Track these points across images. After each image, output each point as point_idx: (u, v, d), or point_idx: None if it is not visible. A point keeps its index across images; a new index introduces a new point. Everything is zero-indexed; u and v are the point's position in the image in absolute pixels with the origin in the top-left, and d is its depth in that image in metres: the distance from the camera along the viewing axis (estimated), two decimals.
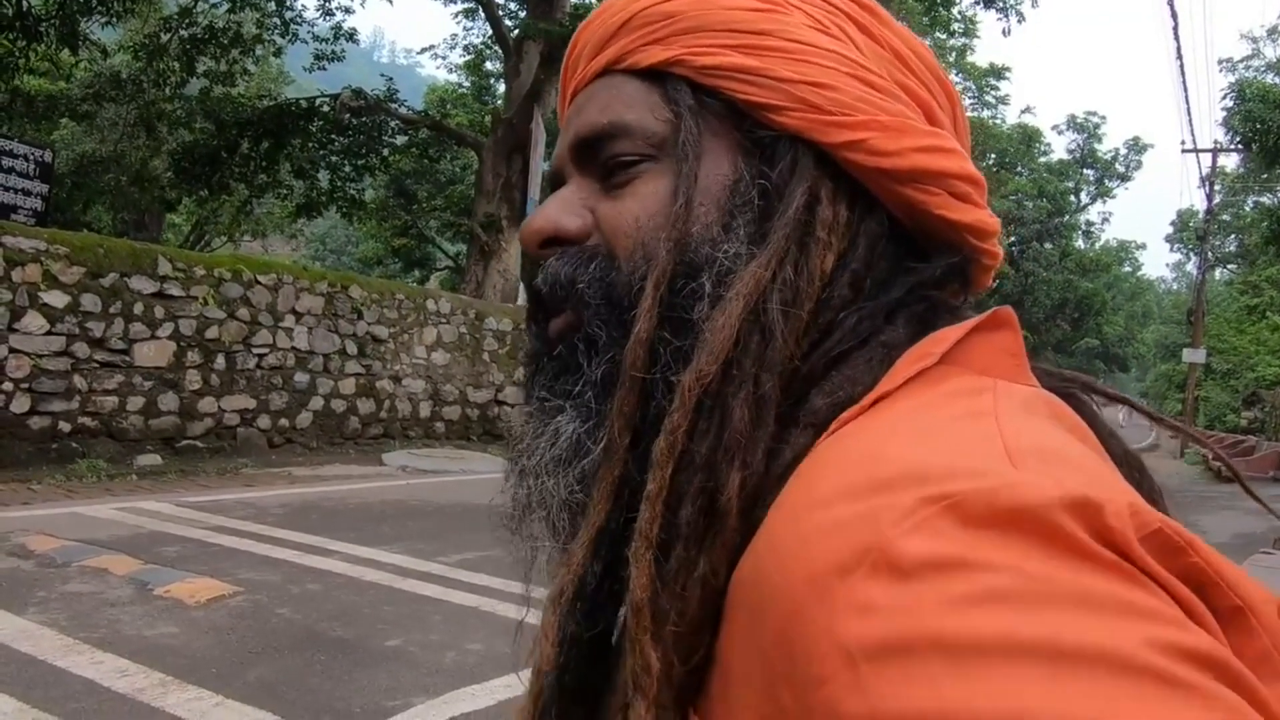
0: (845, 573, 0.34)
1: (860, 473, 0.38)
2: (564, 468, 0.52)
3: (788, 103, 0.52)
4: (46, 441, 8.41)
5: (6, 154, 9.45)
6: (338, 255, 43.54)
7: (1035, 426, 0.41)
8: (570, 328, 0.54)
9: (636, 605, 0.43)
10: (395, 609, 4.87)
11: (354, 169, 18.93)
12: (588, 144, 0.56)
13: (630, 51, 0.56)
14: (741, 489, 0.44)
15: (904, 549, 0.33)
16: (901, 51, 0.56)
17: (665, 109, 0.54)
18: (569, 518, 0.52)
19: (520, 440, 0.55)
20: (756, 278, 0.49)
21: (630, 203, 0.54)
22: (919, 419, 0.42)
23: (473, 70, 28.38)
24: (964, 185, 0.54)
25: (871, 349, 0.49)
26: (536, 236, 0.56)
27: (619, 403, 0.49)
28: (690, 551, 0.44)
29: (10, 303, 8.14)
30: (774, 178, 0.52)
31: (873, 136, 0.52)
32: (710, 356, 0.46)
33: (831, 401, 0.47)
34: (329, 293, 11.16)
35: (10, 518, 6.39)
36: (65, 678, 3.64)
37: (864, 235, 0.53)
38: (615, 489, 0.48)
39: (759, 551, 0.40)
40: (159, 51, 16.85)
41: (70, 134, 20.32)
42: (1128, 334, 57.23)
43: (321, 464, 10.35)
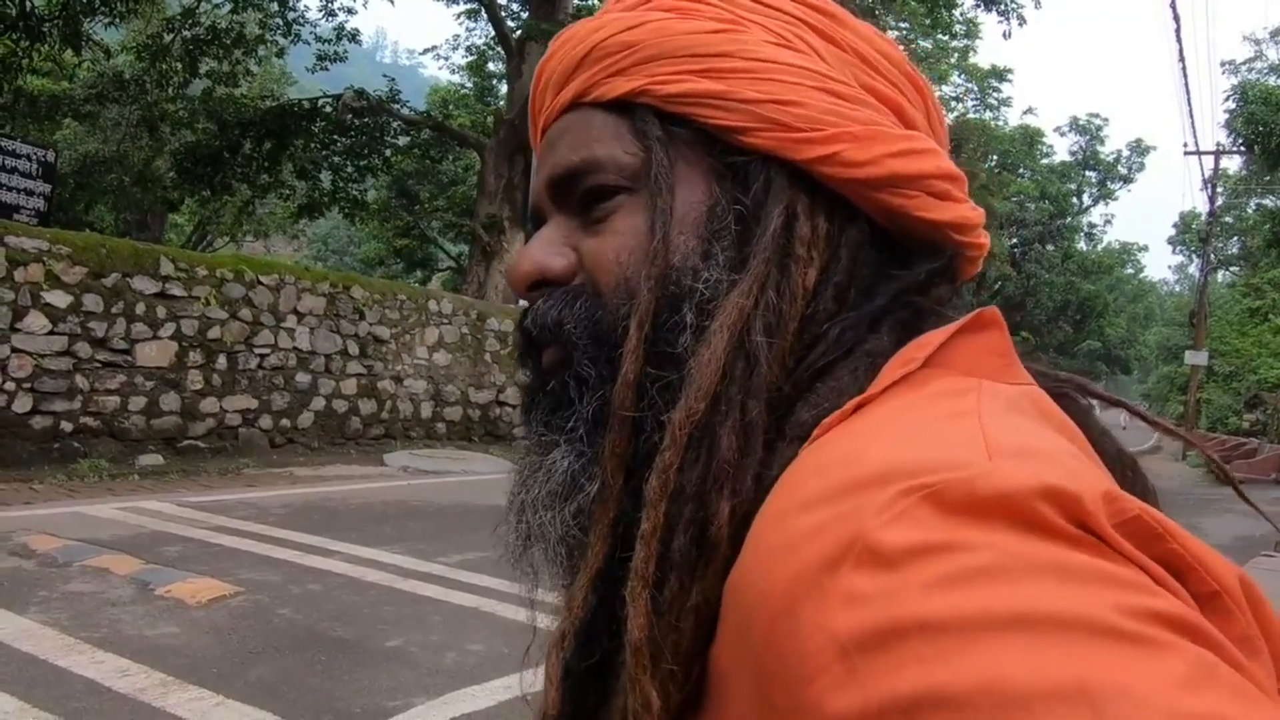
0: (831, 568, 0.34)
1: (841, 473, 0.38)
2: (560, 502, 0.52)
3: (756, 124, 0.52)
4: (48, 441, 8.41)
5: (9, 154, 9.46)
6: (340, 256, 43.56)
7: (1019, 425, 0.41)
8: (560, 363, 0.54)
9: (635, 645, 0.44)
10: (396, 609, 4.87)
11: (356, 169, 18.96)
12: (563, 181, 0.56)
13: (594, 84, 0.55)
14: (732, 517, 0.44)
15: (885, 538, 0.34)
16: (866, 53, 0.55)
17: (634, 141, 0.54)
18: (565, 552, 0.53)
19: (520, 474, 0.56)
20: (739, 307, 0.48)
21: (610, 239, 0.54)
22: (901, 421, 0.42)
23: (475, 71, 28.39)
24: (942, 184, 0.54)
25: (856, 359, 0.49)
26: (525, 280, 0.56)
27: (610, 444, 0.49)
28: (684, 582, 0.44)
29: (13, 302, 8.15)
30: (749, 201, 0.52)
31: (844, 149, 0.51)
32: (699, 393, 0.46)
33: (816, 414, 0.46)
34: (331, 293, 11.16)
35: (12, 517, 6.40)
36: (66, 677, 3.64)
37: (846, 245, 0.52)
38: (611, 529, 0.49)
39: (746, 559, 0.41)
40: (162, 52, 16.86)
41: (73, 134, 20.35)
42: (1130, 336, 57.20)
43: (323, 464, 10.35)
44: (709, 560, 0.44)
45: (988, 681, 0.29)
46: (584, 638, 0.49)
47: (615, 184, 0.54)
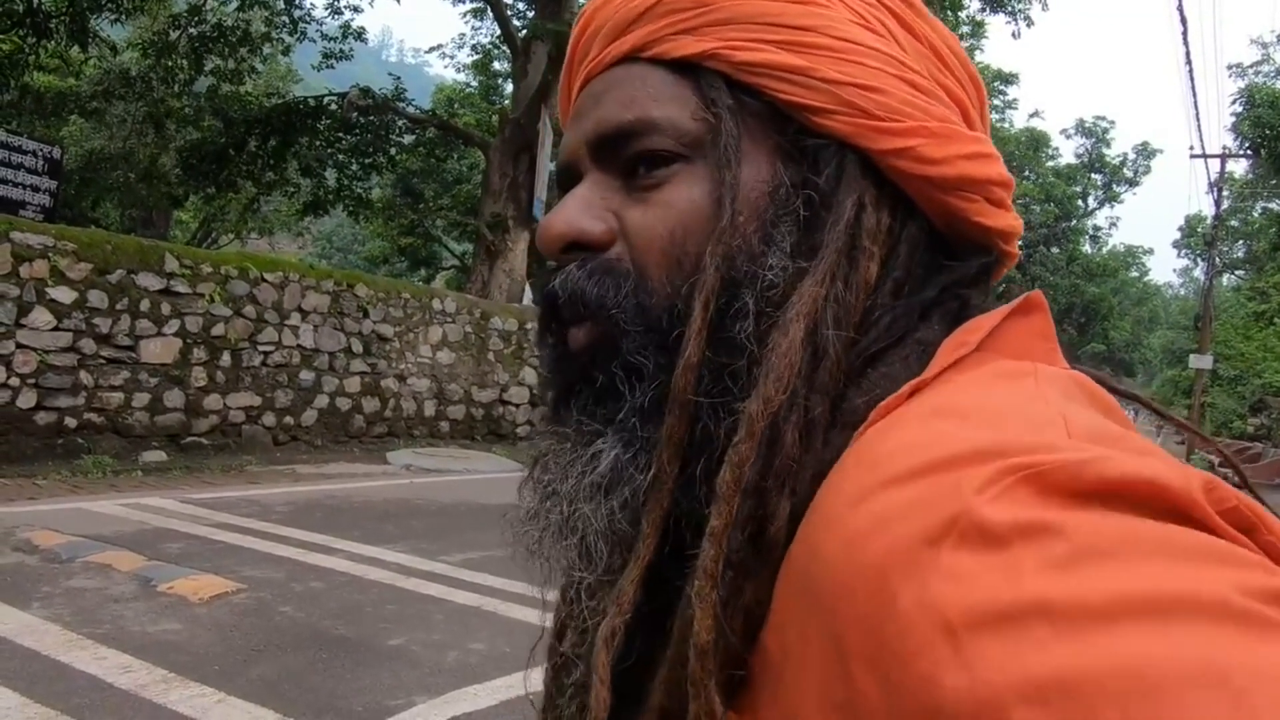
0: (932, 544, 0.33)
1: (929, 452, 0.37)
2: (603, 495, 0.49)
3: (834, 106, 0.49)
4: (52, 437, 8.43)
5: (16, 150, 9.48)
6: (344, 254, 43.62)
7: (1080, 410, 0.40)
8: (597, 345, 0.51)
9: (701, 648, 0.42)
10: (398, 608, 4.87)
11: (361, 168, 18.96)
12: (610, 140, 0.52)
13: (657, 40, 0.52)
14: (791, 517, 0.43)
15: (992, 515, 0.33)
16: (940, 48, 0.54)
17: (699, 107, 0.51)
18: (606, 547, 0.49)
19: (548, 461, 0.53)
20: (814, 296, 0.47)
21: (661, 212, 0.51)
22: (973, 400, 0.41)
23: (480, 70, 28.41)
24: (1000, 191, 0.53)
25: (907, 346, 0.48)
26: (558, 241, 0.53)
27: (668, 431, 0.47)
28: (739, 582, 0.43)
29: (18, 298, 8.16)
30: (820, 185, 0.50)
31: (920, 144, 0.50)
32: (778, 384, 0.45)
33: (869, 400, 0.46)
34: (335, 291, 11.17)
35: (16, 513, 6.41)
36: (68, 673, 3.65)
37: (905, 242, 0.51)
38: (663, 521, 0.47)
39: (817, 541, 0.39)
40: (168, 49, 16.88)
41: (79, 131, 20.38)
42: (1134, 339, 57.11)
43: (326, 462, 10.36)
44: (766, 560, 0.43)
45: (1118, 666, 0.29)
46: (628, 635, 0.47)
47: (671, 150, 0.51)
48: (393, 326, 11.89)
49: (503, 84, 27.45)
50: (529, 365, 14.04)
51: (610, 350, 0.51)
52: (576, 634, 0.53)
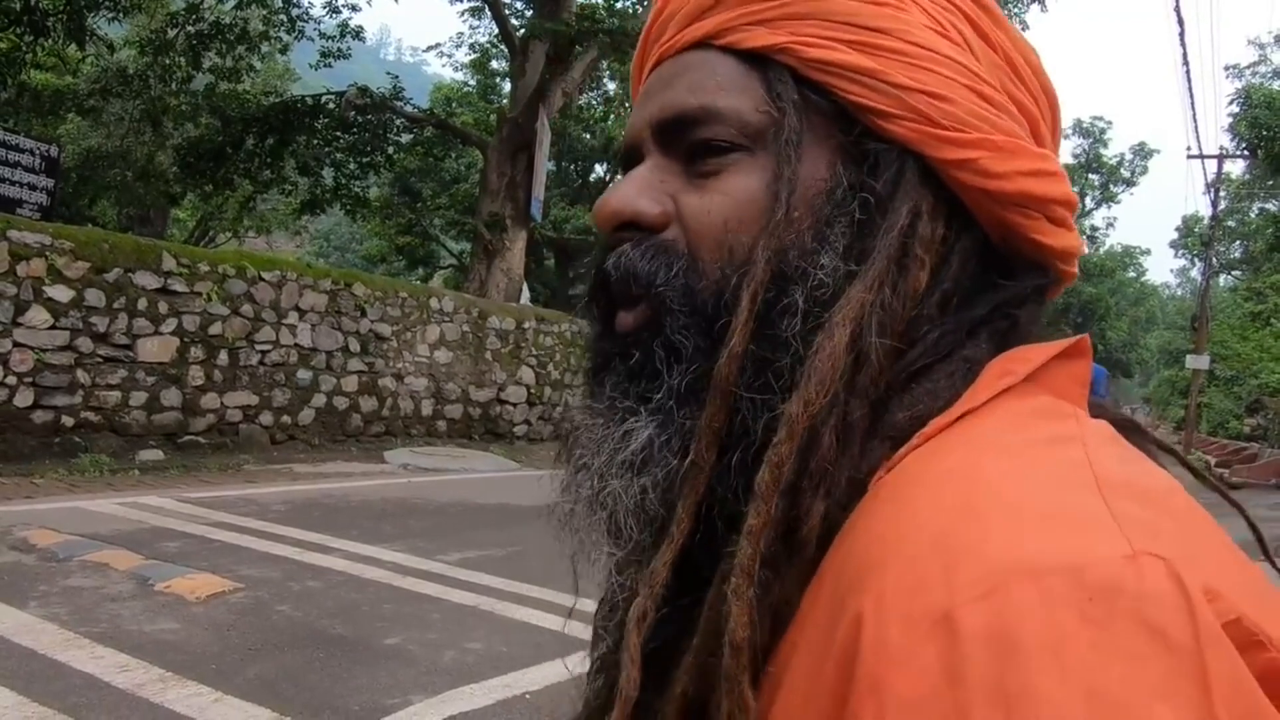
0: (954, 678, 0.34)
1: (965, 536, 0.37)
2: (633, 473, 0.50)
3: (900, 111, 0.49)
4: (49, 436, 8.42)
5: (13, 148, 9.46)
6: (342, 252, 43.58)
7: (1128, 489, 0.40)
8: (644, 327, 0.52)
9: (737, 645, 0.42)
10: (395, 607, 4.87)
11: (359, 166, 18.95)
12: (673, 124, 0.53)
13: (730, 29, 0.52)
14: (824, 519, 0.44)
15: (1019, 635, 0.33)
16: (1013, 58, 0.53)
17: (765, 99, 0.51)
18: (635, 525, 0.50)
19: (581, 435, 0.53)
20: (861, 301, 0.47)
21: (718, 200, 0.51)
22: (1009, 447, 0.41)
23: (478, 69, 28.40)
24: (1062, 210, 0.52)
25: (953, 363, 0.48)
26: (613, 218, 0.53)
27: (707, 419, 0.47)
28: (768, 579, 0.43)
29: (15, 297, 8.15)
30: (877, 189, 0.50)
31: (984, 156, 0.49)
32: (820, 387, 0.45)
33: (912, 415, 0.46)
34: (332, 290, 11.16)
35: (12, 512, 6.40)
36: (65, 672, 3.65)
37: (958, 253, 0.51)
38: (698, 508, 0.47)
39: (846, 579, 0.40)
40: (165, 47, 16.86)
41: (76, 129, 20.36)
42: (1131, 339, 57.15)
43: (323, 461, 10.35)
44: (795, 561, 0.43)
45: None
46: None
47: (733, 140, 0.51)
48: (390, 325, 11.89)
49: (501, 83, 27.44)
50: (526, 365, 14.05)
51: (654, 329, 0.51)
52: (606, 608, 0.54)
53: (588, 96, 24.82)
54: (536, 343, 14.29)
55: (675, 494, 0.48)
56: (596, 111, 26.58)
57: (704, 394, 0.48)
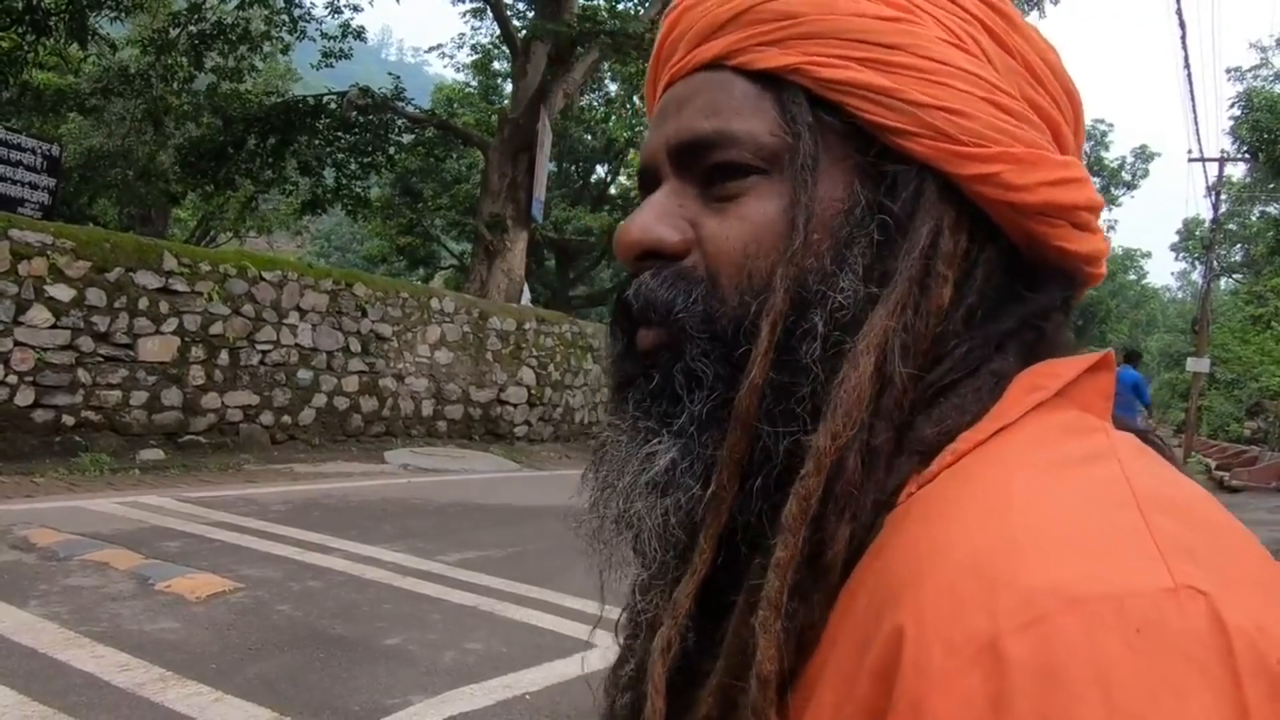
0: (1000, 703, 0.34)
1: (1008, 565, 0.37)
2: (657, 495, 0.50)
3: (918, 129, 0.48)
4: (50, 435, 8.42)
5: (15, 147, 9.47)
6: (342, 253, 43.59)
7: (1168, 508, 0.40)
8: (662, 347, 0.51)
9: (764, 678, 0.42)
10: (395, 607, 4.87)
11: (360, 167, 18.96)
12: (689, 148, 0.52)
13: (741, 49, 0.51)
14: (849, 543, 0.44)
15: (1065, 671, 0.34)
16: (1033, 62, 0.52)
17: (778, 121, 0.50)
18: (659, 546, 0.50)
19: (607, 451, 0.53)
20: (884, 328, 0.46)
21: (736, 225, 0.50)
22: (1044, 465, 0.42)
23: (480, 70, 28.40)
24: (1087, 215, 0.51)
25: (981, 378, 0.48)
26: (633, 249, 0.53)
27: (729, 449, 0.47)
28: (793, 606, 0.43)
29: (16, 296, 8.16)
30: (896, 209, 0.49)
31: (1005, 170, 0.48)
32: (846, 417, 0.45)
33: (940, 430, 0.46)
34: (333, 290, 11.17)
35: (13, 511, 6.40)
36: (66, 671, 3.65)
37: (982, 265, 0.50)
38: (720, 537, 0.48)
39: (880, 599, 0.40)
40: (167, 47, 16.88)
41: (78, 128, 20.36)
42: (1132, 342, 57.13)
43: (323, 461, 10.36)
44: (821, 586, 0.43)
45: None
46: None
47: (749, 163, 0.50)
48: (391, 326, 11.89)
49: (502, 84, 27.44)
50: (527, 365, 14.05)
51: (674, 353, 0.51)
52: (629, 628, 0.54)
53: (589, 97, 24.82)
54: (537, 343, 14.30)
55: (697, 521, 0.48)
56: (598, 112, 26.59)
57: (725, 421, 0.48)
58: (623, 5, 19.40)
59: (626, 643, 0.56)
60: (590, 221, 26.62)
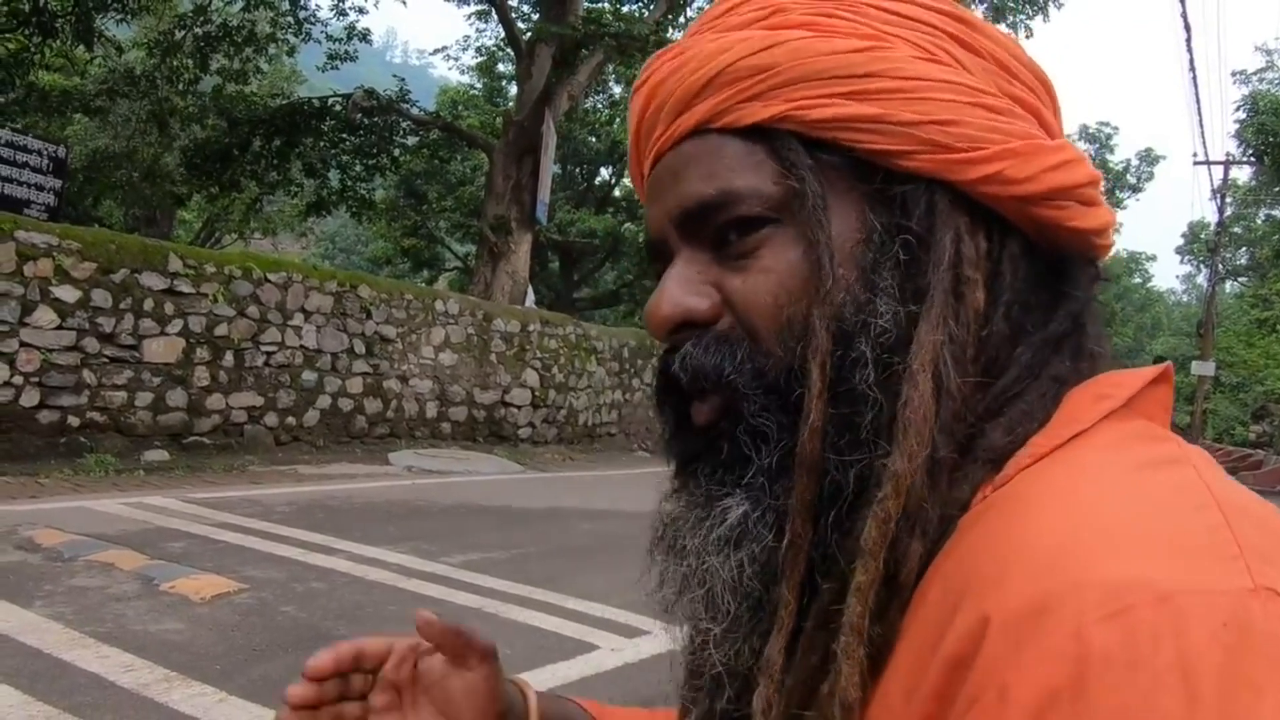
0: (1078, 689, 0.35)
1: (1079, 572, 0.37)
2: (730, 549, 0.50)
3: (914, 147, 0.49)
4: (55, 436, 8.44)
5: (21, 149, 9.50)
6: (347, 254, 43.65)
7: (1248, 512, 0.41)
8: (723, 416, 0.52)
9: (848, 706, 0.43)
10: (399, 609, 4.88)
11: (365, 169, 19.00)
12: (695, 215, 0.53)
13: (724, 110, 0.52)
14: (921, 560, 0.44)
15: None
16: (1004, 59, 0.53)
17: (779, 171, 0.51)
18: (733, 599, 0.50)
19: (679, 524, 0.53)
20: (933, 344, 0.47)
21: (762, 279, 0.51)
22: (1124, 467, 0.42)
23: (485, 72, 28.45)
24: (1090, 190, 0.52)
25: (1043, 383, 0.49)
26: (667, 324, 0.53)
27: (799, 495, 0.48)
28: (871, 626, 0.44)
29: (22, 297, 8.18)
30: (914, 227, 0.50)
31: (1006, 166, 0.49)
32: (919, 439, 0.45)
33: (1011, 438, 0.47)
34: (338, 292, 11.19)
35: (18, 511, 6.42)
36: (70, 671, 3.66)
37: (1007, 261, 0.51)
38: (802, 585, 0.48)
39: (969, 565, 0.41)
40: (173, 48, 16.93)
41: (84, 130, 20.43)
42: (1137, 345, 56.99)
43: (328, 462, 10.37)
44: (895, 604, 0.44)
45: None
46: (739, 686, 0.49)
47: (760, 215, 0.51)
48: (395, 327, 11.91)
49: (507, 86, 27.47)
50: (531, 367, 14.06)
51: (734, 417, 0.51)
52: (698, 681, 0.54)
53: (593, 100, 24.86)
54: (541, 345, 14.31)
55: (773, 571, 0.49)
56: (602, 115, 26.62)
57: (793, 468, 0.48)
58: (627, 8, 19.42)
59: (688, 694, 0.56)
60: (594, 224, 26.65)
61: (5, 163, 9.25)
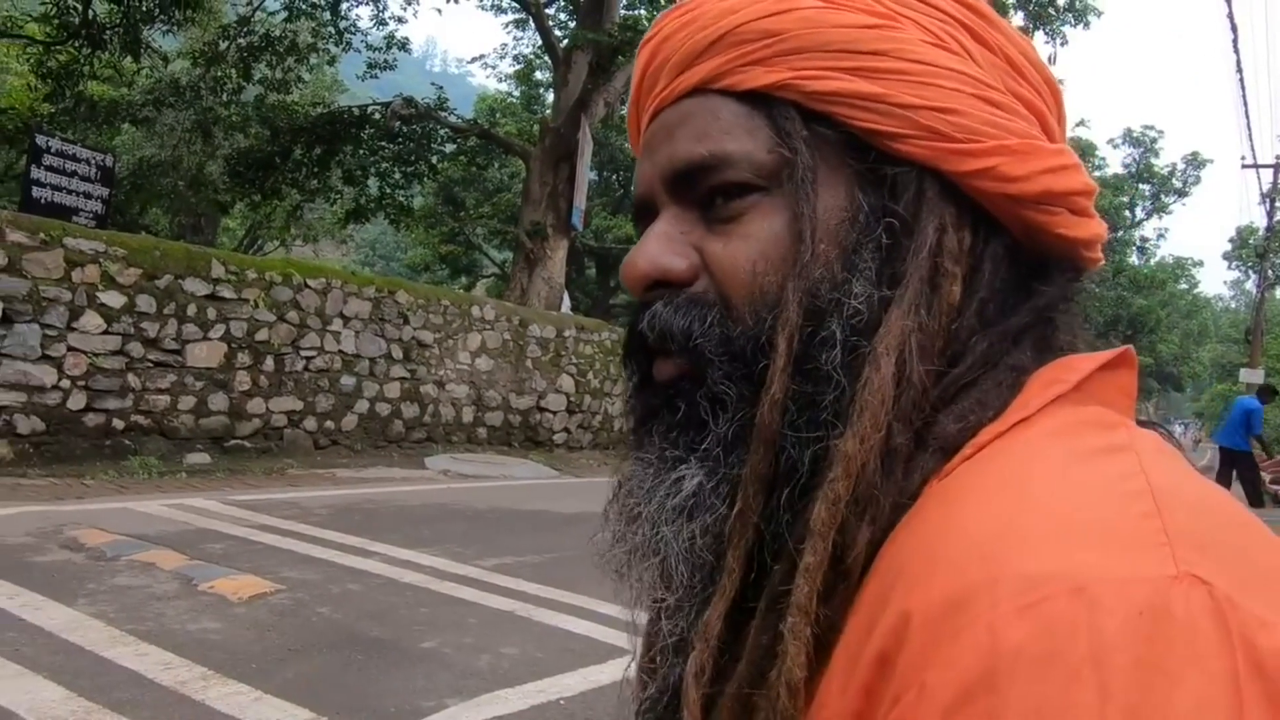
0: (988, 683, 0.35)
1: (1005, 561, 0.37)
2: (684, 519, 0.50)
3: (911, 131, 0.49)
4: (101, 438, 8.62)
5: (70, 158, 9.71)
6: (386, 261, 44.14)
7: (1183, 499, 0.40)
8: (683, 376, 0.52)
9: (794, 686, 0.42)
10: (432, 611, 4.91)
11: (403, 176, 19.19)
12: (685, 175, 0.52)
13: (726, 72, 0.51)
14: (869, 545, 0.44)
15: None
16: (1014, 57, 0.53)
17: (773, 138, 0.50)
18: (686, 570, 0.50)
19: (631, 485, 0.53)
20: (901, 329, 0.47)
21: (742, 245, 0.50)
22: (1061, 456, 0.42)
23: (522, 80, 28.67)
24: (1083, 200, 0.52)
25: (1000, 372, 0.48)
26: (642, 281, 0.53)
27: (753, 466, 0.47)
28: (820, 610, 0.44)
29: (70, 302, 8.37)
30: (900, 211, 0.49)
31: (1001, 163, 0.49)
32: (873, 421, 0.45)
33: (962, 426, 0.46)
34: (376, 298, 11.31)
35: (64, 511, 6.56)
36: (111, 668, 3.73)
37: (988, 259, 0.51)
38: (748, 555, 0.47)
39: (901, 557, 0.41)
40: (217, 59, 17.23)
41: (131, 139, 20.85)
42: (1183, 353, 55.93)
43: (365, 466, 10.48)
44: (842, 589, 0.44)
45: None
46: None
47: (748, 182, 0.50)
48: (432, 333, 12.01)
49: (544, 93, 27.66)
50: (566, 373, 14.10)
51: (695, 380, 0.51)
52: (655, 652, 0.54)
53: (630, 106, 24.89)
54: (577, 351, 14.35)
55: (724, 541, 0.48)
56: None
57: (750, 439, 0.48)
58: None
59: (646, 666, 0.55)
60: (630, 230, 26.67)
61: (55, 171, 9.45)
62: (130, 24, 14.49)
